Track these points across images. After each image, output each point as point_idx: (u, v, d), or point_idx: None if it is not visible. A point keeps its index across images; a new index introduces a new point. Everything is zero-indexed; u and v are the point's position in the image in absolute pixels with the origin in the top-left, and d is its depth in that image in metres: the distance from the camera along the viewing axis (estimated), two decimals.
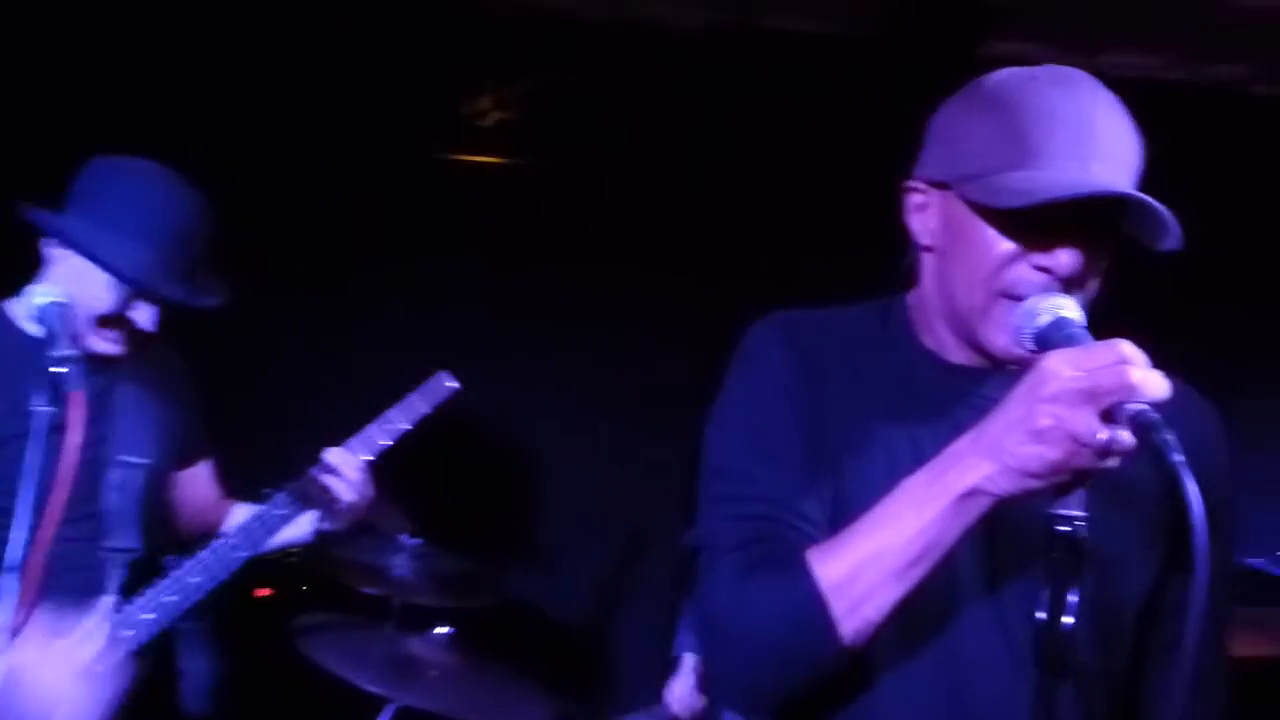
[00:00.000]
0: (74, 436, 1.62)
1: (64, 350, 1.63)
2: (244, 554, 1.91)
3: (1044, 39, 3.37)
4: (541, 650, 2.93)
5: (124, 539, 1.84)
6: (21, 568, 1.56)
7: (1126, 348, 0.88)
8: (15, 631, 1.62)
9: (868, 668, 1.07)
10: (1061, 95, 1.03)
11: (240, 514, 2.04)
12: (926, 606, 1.04)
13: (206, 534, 2.00)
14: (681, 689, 2.64)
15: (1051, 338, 0.98)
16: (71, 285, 1.74)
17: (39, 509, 1.57)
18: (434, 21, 3.18)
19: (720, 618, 1.07)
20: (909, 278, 1.19)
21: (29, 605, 1.64)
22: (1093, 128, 1.02)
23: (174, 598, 1.83)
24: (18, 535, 1.54)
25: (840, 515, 1.06)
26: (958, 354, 1.14)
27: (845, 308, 1.23)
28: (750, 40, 3.25)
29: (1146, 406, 0.86)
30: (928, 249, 1.14)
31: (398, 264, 3.17)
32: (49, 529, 1.60)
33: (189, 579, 1.85)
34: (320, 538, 2.05)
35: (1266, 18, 2.99)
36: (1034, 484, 0.92)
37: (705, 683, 1.04)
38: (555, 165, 3.24)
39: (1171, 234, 0.99)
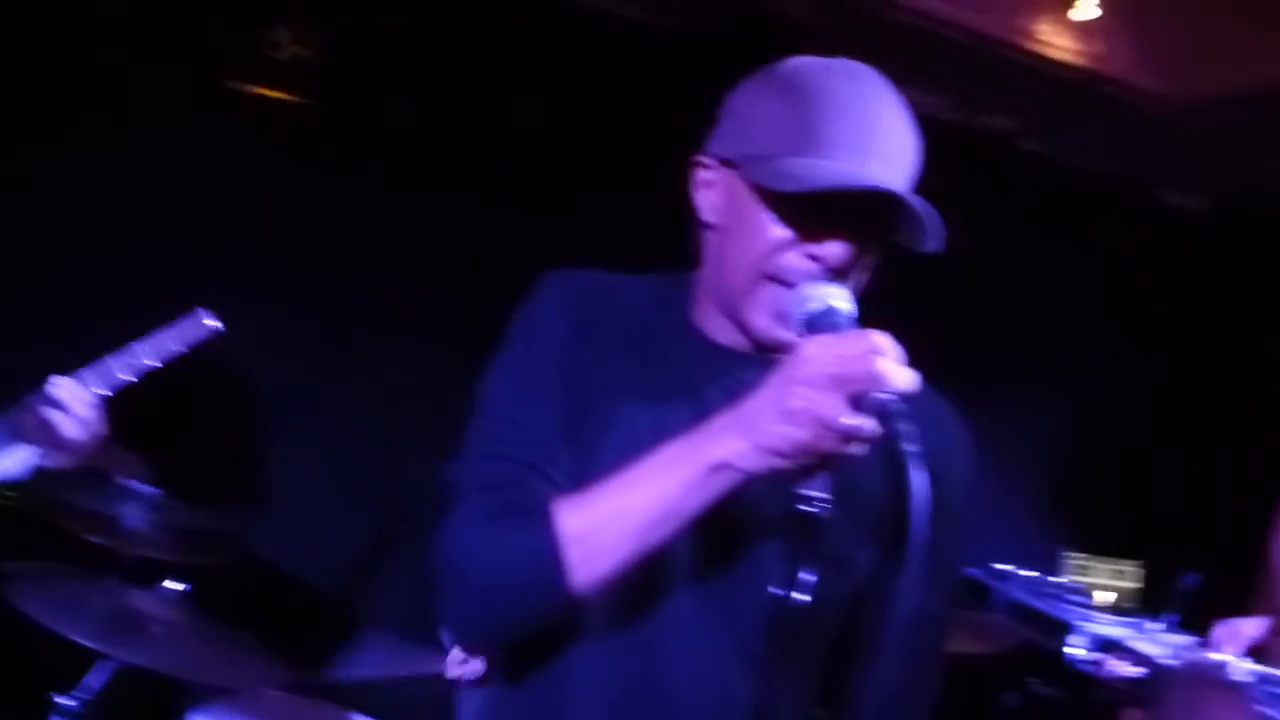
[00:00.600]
0: None
1: None
2: None
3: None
4: (282, 616, 2.79)
5: None
6: None
7: (879, 338, 0.92)
8: None
9: (573, 627, 1.10)
10: (850, 89, 1.06)
11: None
12: (638, 581, 1.06)
13: None
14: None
15: (818, 324, 1.01)
16: None
17: None
18: None
19: (458, 556, 1.08)
20: (696, 256, 1.20)
21: None
22: (876, 125, 1.05)
23: None
24: None
25: (578, 476, 1.08)
26: (725, 335, 1.16)
27: (635, 277, 1.24)
28: (564, 12, 3.22)
29: (892, 397, 0.90)
30: (710, 226, 1.15)
31: (164, 191, 2.94)
32: None
33: None
34: (39, 476, 1.86)
35: (1037, 78, 3.27)
36: (781, 464, 0.94)
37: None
38: (347, 111, 3.09)
39: (933, 237, 1.04)
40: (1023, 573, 3.64)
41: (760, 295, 1.08)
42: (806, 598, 1.02)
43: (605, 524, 1.02)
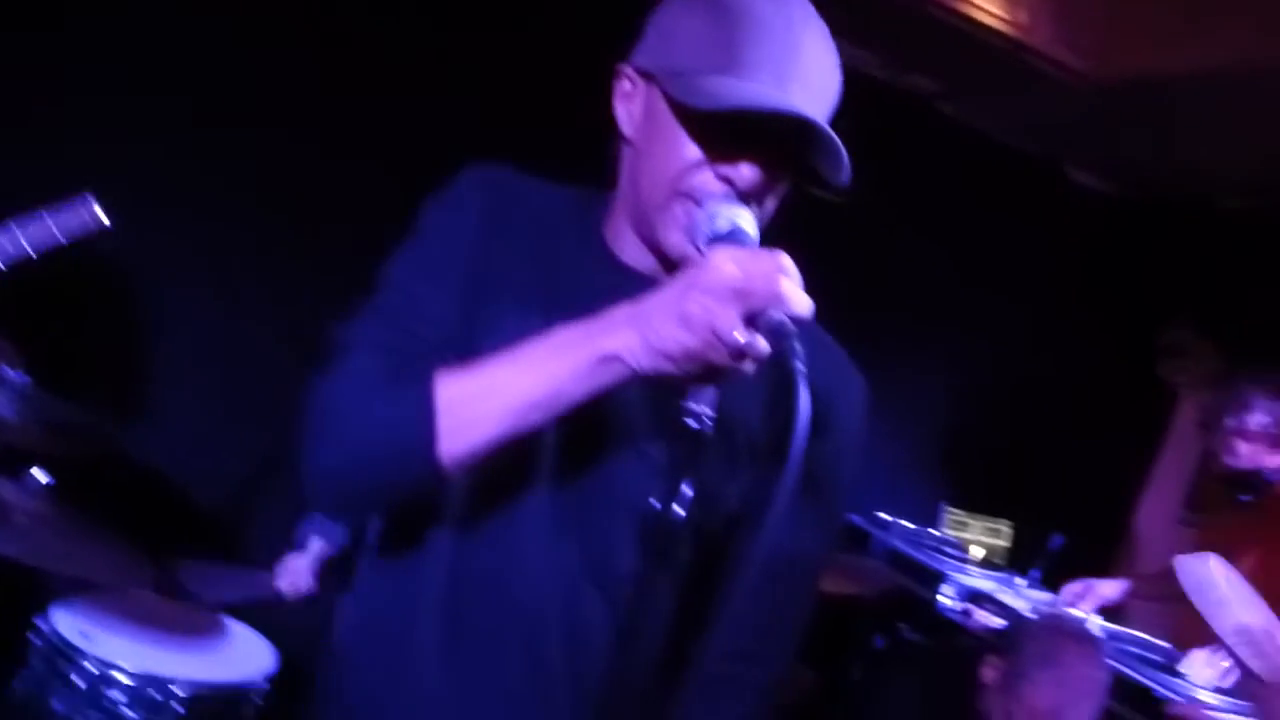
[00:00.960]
0: None
1: None
2: None
3: None
4: (152, 516, 2.71)
5: None
6: None
7: (785, 259, 0.92)
8: None
9: (435, 515, 1.09)
10: (776, 12, 1.05)
11: None
12: (500, 477, 1.06)
13: None
14: (296, 568, 2.55)
15: (723, 242, 1.01)
16: None
17: None
18: None
19: (332, 405, 1.06)
20: (614, 170, 1.18)
21: None
22: (798, 51, 1.04)
23: None
24: None
25: None
26: (633, 256, 1.15)
27: (554, 186, 1.22)
28: None
29: (786, 319, 0.90)
30: (627, 140, 1.14)
31: (56, 71, 2.76)
32: None
33: None
34: None
35: (963, 40, 3.29)
36: (669, 367, 0.93)
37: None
38: None
39: (842, 173, 1.03)
40: (903, 523, 3.79)
41: (671, 212, 1.07)
42: (683, 513, 1.01)
43: (484, 396, 1.00)
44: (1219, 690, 2.68)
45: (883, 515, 3.82)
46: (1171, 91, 3.25)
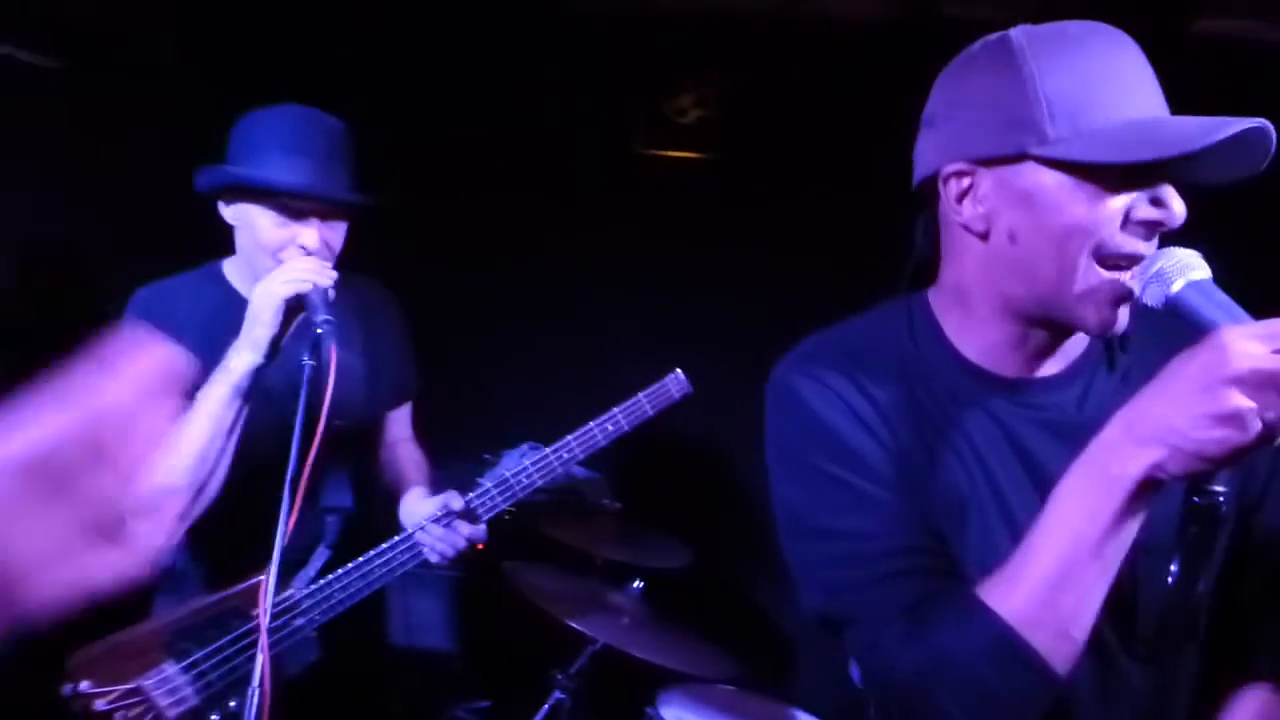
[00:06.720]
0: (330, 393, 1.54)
1: (324, 314, 1.61)
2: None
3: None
4: (728, 618, 2.99)
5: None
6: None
7: None
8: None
9: None
10: (1106, 46, 1.00)
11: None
12: None
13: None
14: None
15: (1195, 305, 0.93)
16: (244, 237, 1.76)
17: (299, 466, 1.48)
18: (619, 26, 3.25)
19: (915, 681, 0.98)
20: (920, 277, 1.15)
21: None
22: (1146, 70, 1.00)
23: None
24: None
25: (948, 536, 1.05)
26: (990, 358, 1.10)
27: (862, 319, 1.18)
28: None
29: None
30: (981, 236, 1.05)
31: (593, 246, 3.25)
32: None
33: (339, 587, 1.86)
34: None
35: None
36: (1207, 467, 0.87)
37: None
38: (748, 161, 3.21)
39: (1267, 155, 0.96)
40: None
41: (1097, 286, 0.99)
42: (1201, 586, 0.99)
43: (1058, 592, 0.92)
44: None
45: None
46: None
